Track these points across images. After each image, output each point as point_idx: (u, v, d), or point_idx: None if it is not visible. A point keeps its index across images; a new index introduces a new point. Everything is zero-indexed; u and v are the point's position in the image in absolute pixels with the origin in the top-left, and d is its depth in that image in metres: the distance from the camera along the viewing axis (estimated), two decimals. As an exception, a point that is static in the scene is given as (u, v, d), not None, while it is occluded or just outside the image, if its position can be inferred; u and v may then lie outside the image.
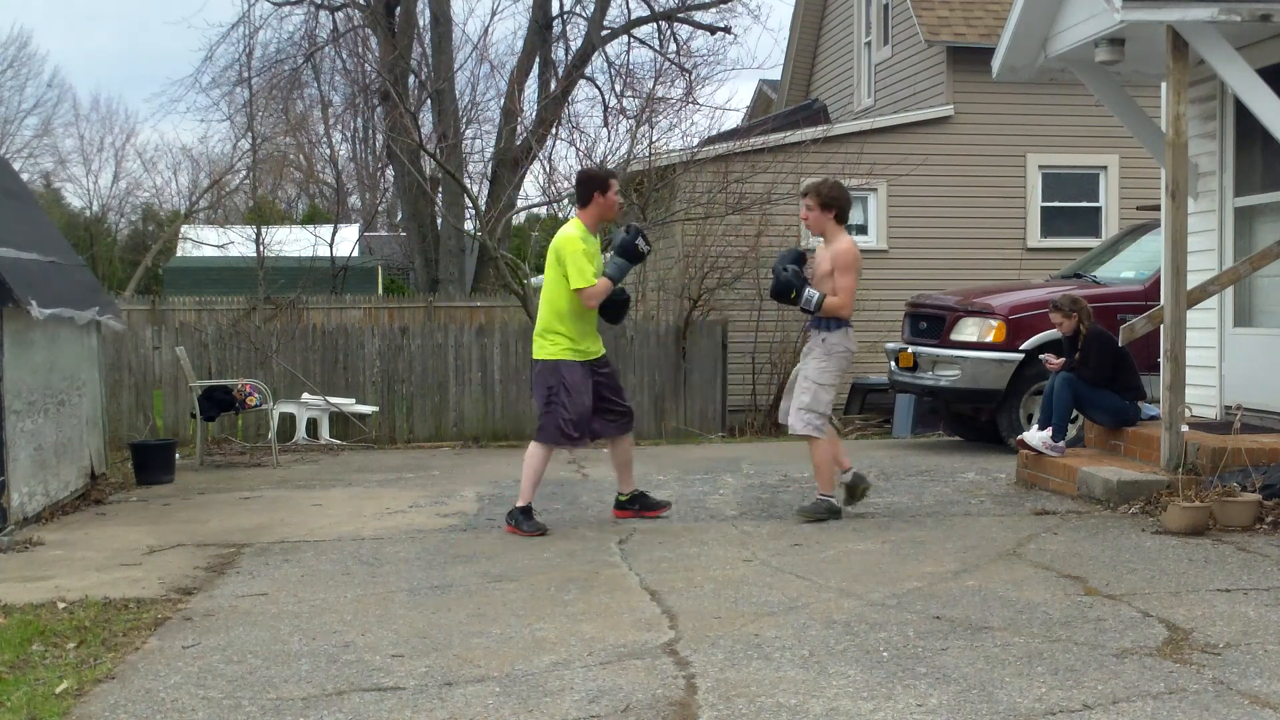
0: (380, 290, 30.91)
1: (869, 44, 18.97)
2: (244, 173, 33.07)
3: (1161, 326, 8.61)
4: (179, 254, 32.91)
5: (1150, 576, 6.19)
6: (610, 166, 15.20)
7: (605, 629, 5.35)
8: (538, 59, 24.31)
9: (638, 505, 8.16)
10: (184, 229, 34.20)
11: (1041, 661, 4.77)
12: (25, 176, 36.19)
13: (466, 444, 13.44)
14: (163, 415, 13.55)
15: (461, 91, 24.78)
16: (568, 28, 24.89)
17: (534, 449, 7.80)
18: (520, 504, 7.74)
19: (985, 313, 11.58)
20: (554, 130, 19.46)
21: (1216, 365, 9.68)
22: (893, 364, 12.62)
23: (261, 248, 21.39)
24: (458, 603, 5.88)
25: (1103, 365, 9.20)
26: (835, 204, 7.89)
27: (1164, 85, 8.70)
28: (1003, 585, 6.03)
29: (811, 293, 7.72)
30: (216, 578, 6.57)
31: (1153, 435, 8.74)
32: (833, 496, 7.97)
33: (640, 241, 7.70)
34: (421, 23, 25.09)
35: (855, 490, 8.19)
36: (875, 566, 6.53)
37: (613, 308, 7.86)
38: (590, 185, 7.82)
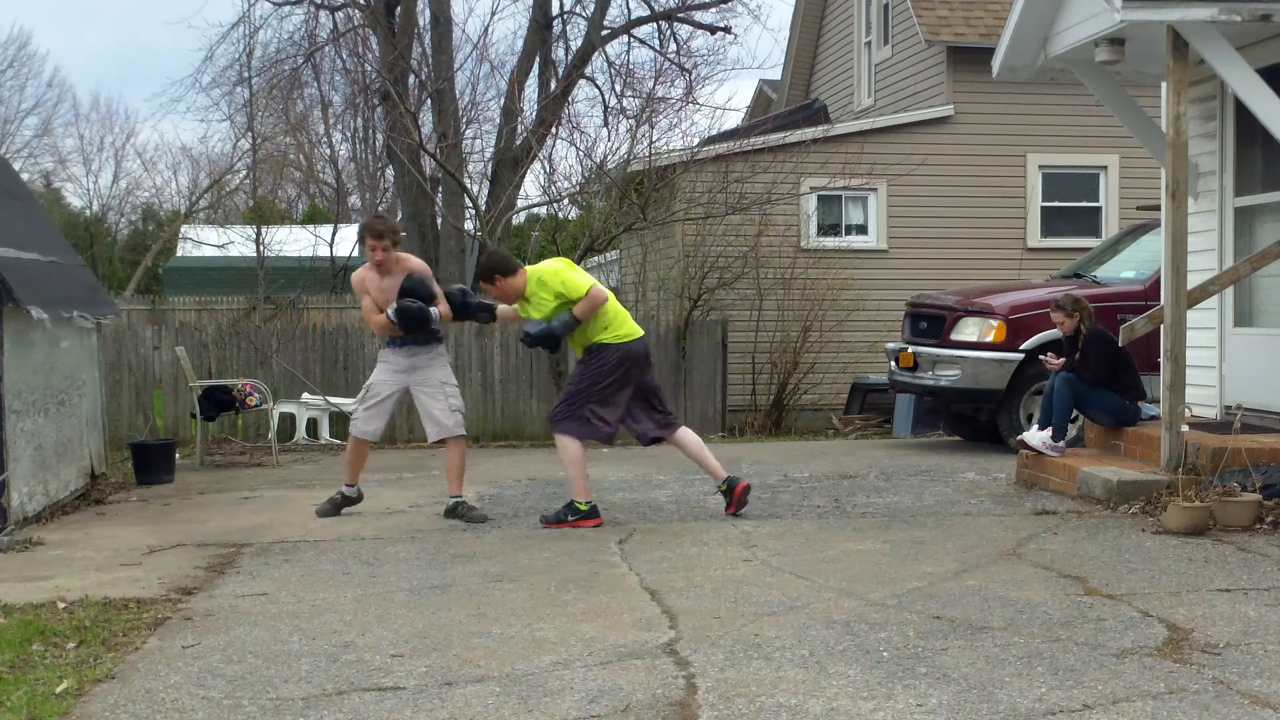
0: (380, 290, 30.82)
1: (869, 44, 18.97)
2: (244, 173, 33.09)
3: (1161, 326, 8.61)
4: (179, 254, 32.89)
5: (1150, 576, 6.19)
6: (610, 167, 15.18)
7: (605, 629, 5.35)
8: (538, 59, 24.25)
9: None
10: (184, 229, 34.19)
11: (1041, 661, 4.77)
12: (25, 176, 36.17)
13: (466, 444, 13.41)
14: (163, 415, 13.55)
15: (461, 91, 24.68)
16: (568, 28, 24.81)
17: None
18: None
19: (985, 313, 11.58)
20: (554, 130, 19.41)
21: (1216, 365, 9.68)
22: (893, 364, 12.61)
23: (261, 248, 21.39)
24: (458, 603, 5.88)
25: (1103, 365, 9.20)
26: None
27: (1164, 85, 8.70)
28: (1003, 585, 6.03)
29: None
30: (216, 578, 6.57)
31: (1153, 435, 8.75)
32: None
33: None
34: (421, 23, 25.03)
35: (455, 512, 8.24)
36: (875, 566, 6.53)
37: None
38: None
